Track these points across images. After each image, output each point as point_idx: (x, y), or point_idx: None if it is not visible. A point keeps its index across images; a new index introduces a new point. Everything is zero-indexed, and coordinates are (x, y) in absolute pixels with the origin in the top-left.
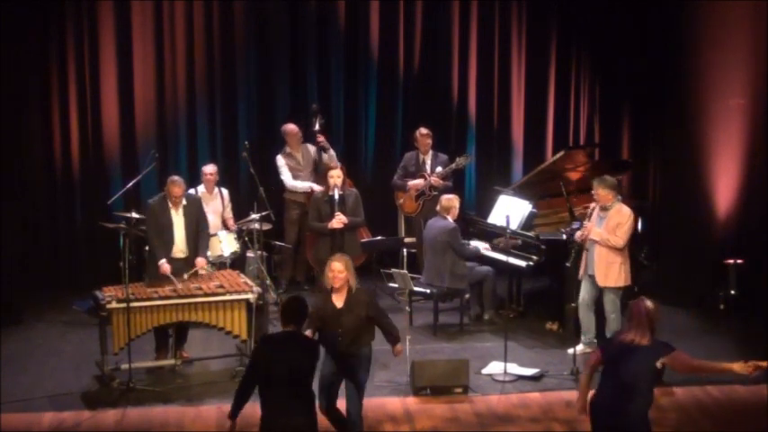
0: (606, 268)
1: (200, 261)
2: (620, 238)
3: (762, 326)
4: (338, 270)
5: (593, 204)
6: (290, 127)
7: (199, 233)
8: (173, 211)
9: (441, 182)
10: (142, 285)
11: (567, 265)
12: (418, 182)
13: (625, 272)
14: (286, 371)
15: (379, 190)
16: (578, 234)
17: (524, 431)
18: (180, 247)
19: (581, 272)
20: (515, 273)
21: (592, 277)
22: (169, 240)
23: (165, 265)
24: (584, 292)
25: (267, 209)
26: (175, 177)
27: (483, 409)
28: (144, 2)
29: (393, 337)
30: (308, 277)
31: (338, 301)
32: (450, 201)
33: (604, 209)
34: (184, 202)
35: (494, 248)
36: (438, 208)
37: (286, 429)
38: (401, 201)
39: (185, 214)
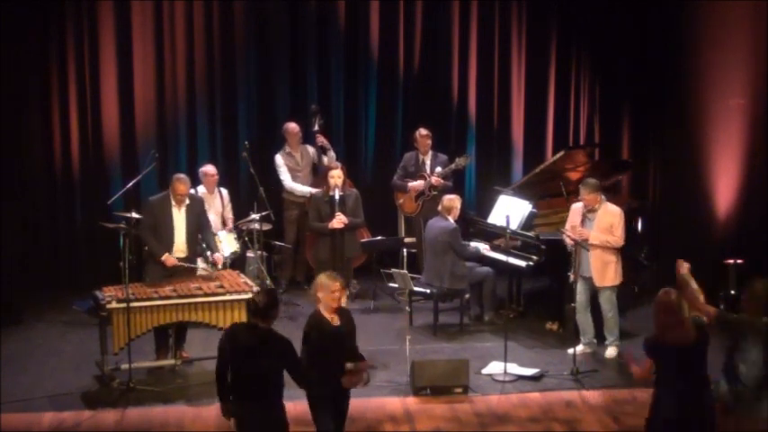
0: (602, 268)
1: (217, 257)
2: (620, 238)
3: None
4: (338, 290)
5: (574, 206)
6: (292, 126)
7: (203, 232)
8: (175, 210)
9: (441, 181)
10: (142, 285)
11: (569, 274)
12: (419, 183)
13: (619, 270)
14: (258, 369)
15: (379, 190)
16: (569, 242)
17: (524, 431)
18: (180, 247)
19: (572, 275)
20: (515, 273)
21: (586, 279)
22: (168, 239)
23: (170, 258)
24: (580, 295)
25: (267, 209)
26: (181, 175)
27: (483, 409)
28: (144, 2)
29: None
30: (308, 277)
31: (333, 319)
32: (452, 201)
33: (592, 210)
34: (187, 201)
35: (494, 249)
36: (439, 208)
37: (256, 422)
38: (401, 201)
39: (188, 214)
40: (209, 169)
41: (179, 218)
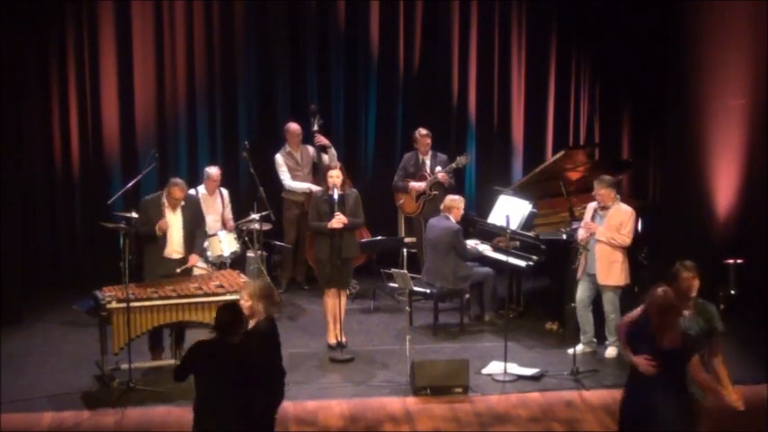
0: (608, 267)
1: (193, 257)
2: (627, 237)
3: (762, 326)
4: (244, 300)
5: (590, 204)
6: (293, 126)
7: (196, 232)
8: (169, 212)
9: (448, 179)
10: (142, 285)
11: (574, 267)
12: (420, 184)
13: (625, 271)
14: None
15: (379, 190)
16: (580, 235)
17: (524, 431)
18: (176, 248)
19: (579, 272)
20: (515, 273)
21: (591, 276)
22: (162, 239)
23: (163, 222)
24: (582, 292)
25: (267, 209)
26: (178, 180)
27: (483, 409)
28: (144, 2)
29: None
30: (308, 277)
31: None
32: (455, 201)
33: (604, 208)
34: (183, 202)
35: (494, 248)
36: (441, 207)
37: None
38: (401, 201)
39: (183, 215)
40: (213, 172)
41: (174, 219)
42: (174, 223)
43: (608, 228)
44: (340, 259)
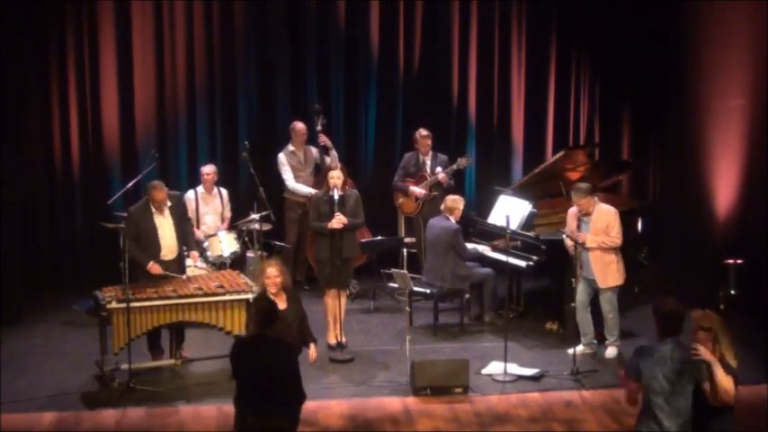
0: (604, 270)
1: (194, 254)
2: (618, 237)
3: (762, 326)
4: (274, 275)
5: (570, 210)
6: (299, 125)
7: (186, 227)
8: (157, 216)
9: (447, 179)
10: (142, 285)
11: (573, 280)
12: (420, 191)
13: (621, 270)
14: (261, 373)
15: (379, 190)
16: (569, 244)
17: (524, 431)
18: (171, 249)
19: (574, 280)
20: (515, 273)
21: (589, 281)
22: (154, 245)
23: (154, 266)
24: (581, 295)
25: (267, 209)
26: (155, 182)
27: (483, 409)
28: (144, 2)
29: (311, 339)
30: (308, 277)
31: (280, 302)
32: (456, 201)
33: (587, 214)
34: (169, 203)
35: (494, 249)
36: (442, 207)
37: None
38: (400, 201)
39: (173, 216)
40: (205, 169)
41: (164, 222)
42: (165, 225)
43: (595, 232)
44: (340, 259)
